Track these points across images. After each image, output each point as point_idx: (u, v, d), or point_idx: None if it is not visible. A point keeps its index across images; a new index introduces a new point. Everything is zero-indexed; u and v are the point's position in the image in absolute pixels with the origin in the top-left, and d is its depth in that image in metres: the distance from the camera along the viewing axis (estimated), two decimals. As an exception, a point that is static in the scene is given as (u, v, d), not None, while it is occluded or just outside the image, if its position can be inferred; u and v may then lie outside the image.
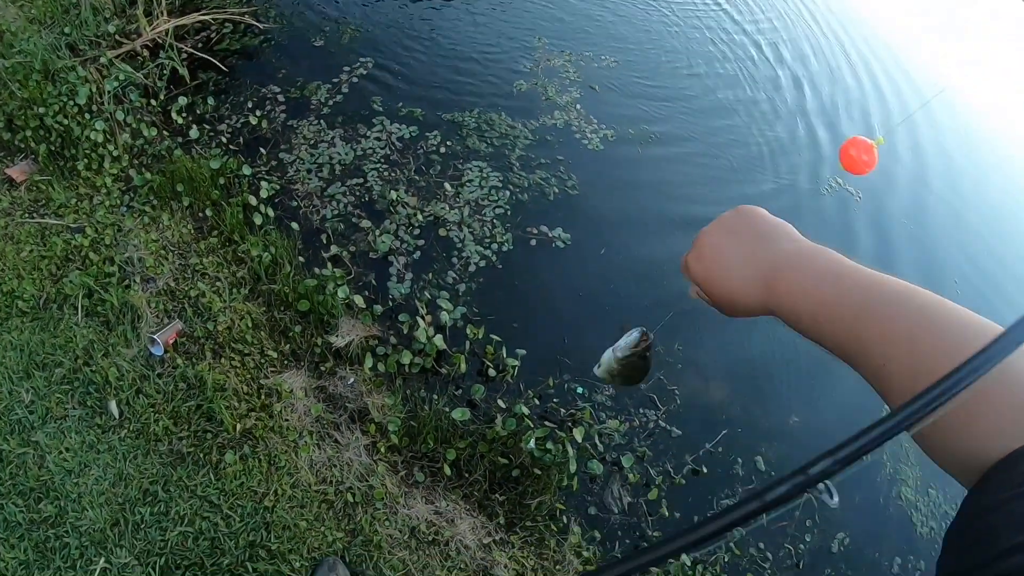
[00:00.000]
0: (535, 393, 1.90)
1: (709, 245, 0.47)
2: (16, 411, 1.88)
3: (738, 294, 0.44)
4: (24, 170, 2.42)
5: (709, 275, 0.47)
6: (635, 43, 3.66)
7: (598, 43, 3.51)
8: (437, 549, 1.69)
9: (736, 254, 0.45)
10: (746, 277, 0.44)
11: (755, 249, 0.44)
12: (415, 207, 2.21)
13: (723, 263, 0.46)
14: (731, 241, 0.46)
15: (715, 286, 0.46)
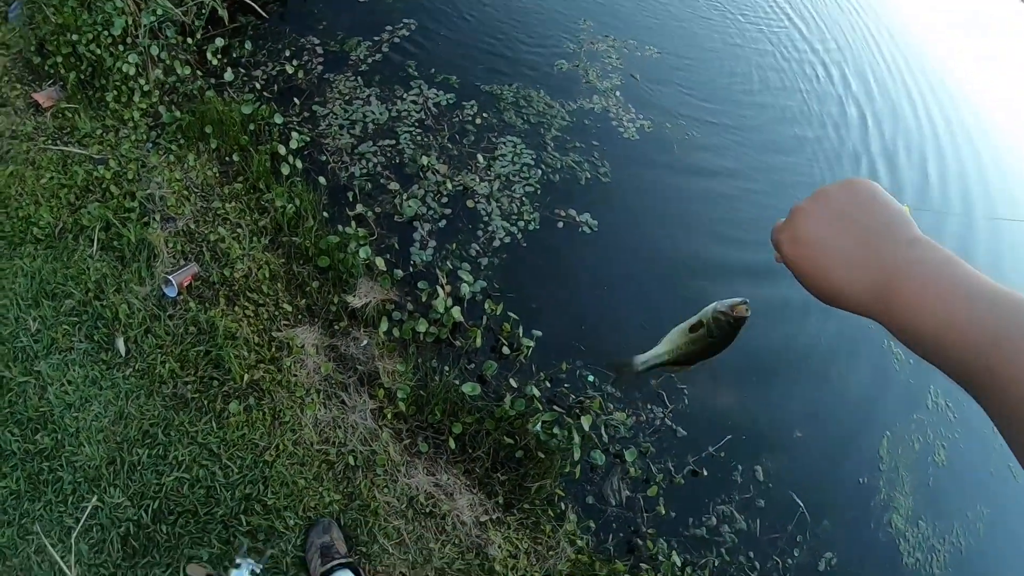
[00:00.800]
0: (547, 376, 1.88)
1: (809, 229, 0.41)
2: (21, 339, 1.85)
3: (842, 295, 0.39)
4: (51, 96, 2.38)
5: (807, 264, 0.41)
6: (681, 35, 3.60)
7: (642, 32, 3.44)
8: (433, 522, 1.66)
9: (845, 248, 0.39)
10: (855, 279, 0.38)
11: (870, 246, 0.38)
12: (445, 175, 2.17)
13: (827, 256, 0.40)
14: (839, 230, 0.40)
15: (813, 279, 0.41)
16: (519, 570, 1.63)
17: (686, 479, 1.89)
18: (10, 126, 2.31)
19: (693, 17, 3.92)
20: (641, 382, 1.88)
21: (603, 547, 1.72)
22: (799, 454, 2.04)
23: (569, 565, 1.67)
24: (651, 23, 3.62)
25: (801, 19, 4.70)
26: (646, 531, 1.75)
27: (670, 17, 3.78)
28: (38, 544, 1.62)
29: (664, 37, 3.52)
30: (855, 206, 0.40)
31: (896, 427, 2.42)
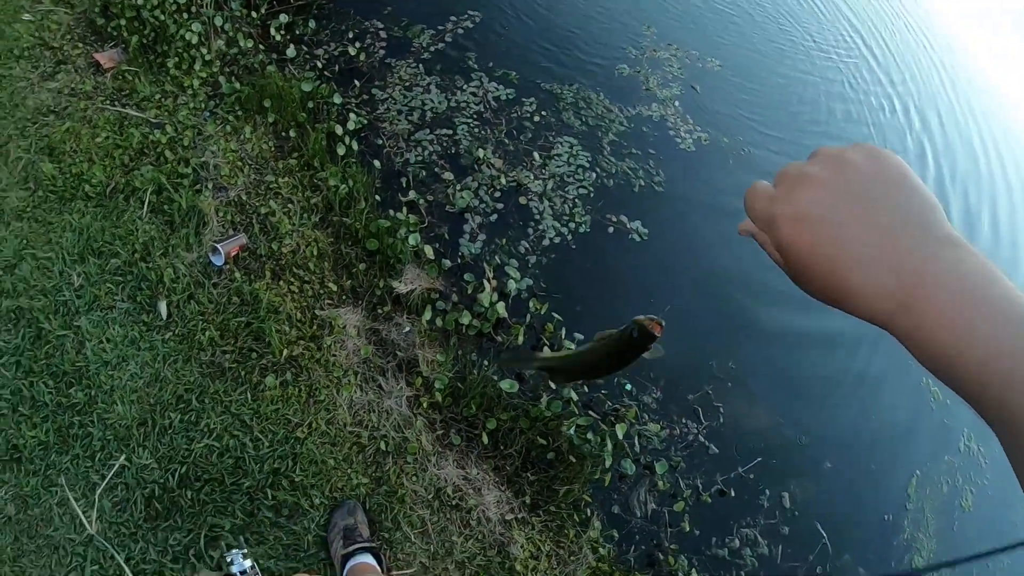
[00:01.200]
0: (584, 381, 2.06)
1: (824, 206, 0.36)
2: (64, 292, 2.14)
3: (855, 298, 0.35)
4: (112, 58, 2.75)
5: (812, 254, 0.36)
6: (745, 52, 3.91)
7: (706, 43, 3.72)
8: (458, 515, 1.84)
9: (868, 239, 0.34)
10: (875, 281, 0.34)
11: (899, 241, 0.34)
12: (500, 170, 2.43)
13: (843, 245, 0.35)
14: (863, 213, 0.35)
15: (818, 273, 0.36)
16: (539, 572, 1.80)
17: (713, 498, 2.09)
18: (69, 83, 2.68)
19: (761, 37, 4.24)
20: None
21: (624, 558, 1.91)
22: (827, 484, 2.24)
23: (589, 572, 1.83)
24: (716, 36, 3.90)
25: (873, 48, 5.02)
26: (668, 546, 1.94)
27: (736, 31, 4.07)
28: (61, 496, 1.86)
29: (728, 51, 3.76)
30: (884, 185, 0.36)
31: (926, 467, 2.59)
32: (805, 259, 0.37)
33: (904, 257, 0.33)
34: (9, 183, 2.33)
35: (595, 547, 1.86)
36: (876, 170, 0.37)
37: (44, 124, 2.48)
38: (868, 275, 0.34)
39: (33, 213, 2.25)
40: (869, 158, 0.38)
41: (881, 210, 0.35)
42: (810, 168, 0.38)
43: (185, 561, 1.78)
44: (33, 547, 1.77)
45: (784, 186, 0.39)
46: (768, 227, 0.40)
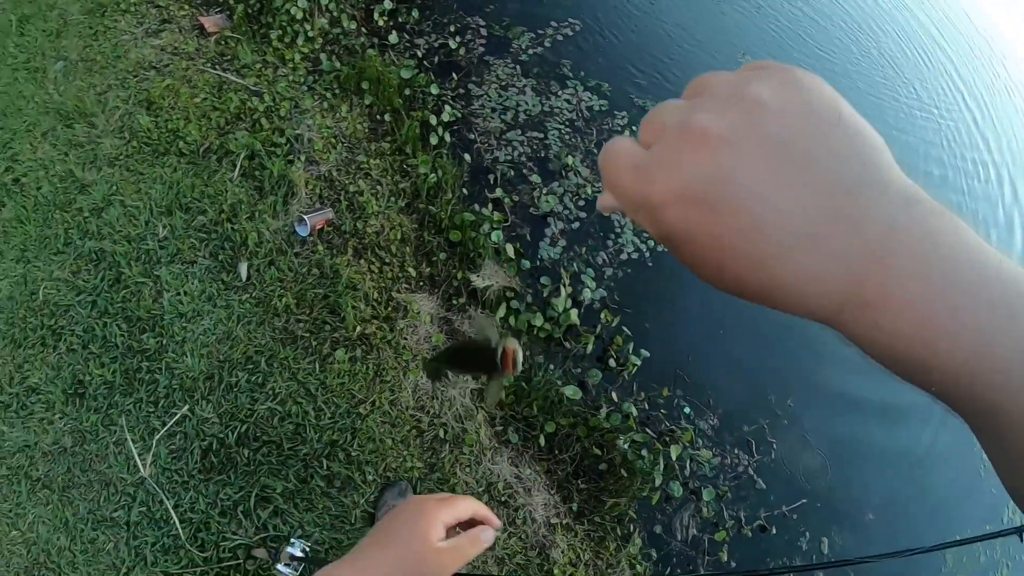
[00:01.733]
0: (647, 397, 2.44)
1: (721, 173, 0.29)
2: (147, 242, 2.66)
3: (786, 293, 0.30)
4: (217, 23, 3.39)
5: (713, 246, 0.30)
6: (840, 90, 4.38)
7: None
8: (506, 512, 2.14)
9: (796, 213, 0.28)
10: (814, 269, 0.29)
11: (840, 208, 0.28)
12: (587, 179, 2.83)
13: (760, 228, 0.29)
14: (783, 179, 0.29)
15: (726, 268, 0.31)
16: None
17: (754, 532, 2.41)
18: (173, 42, 3.32)
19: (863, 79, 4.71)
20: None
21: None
22: (867, 536, 2.55)
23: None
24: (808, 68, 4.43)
25: (974, 109, 5.41)
26: (703, 574, 2.24)
27: (832, 70, 4.60)
28: (119, 436, 2.30)
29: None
30: (812, 129, 0.29)
31: (967, 534, 2.88)
32: (706, 255, 0.31)
33: (851, 233, 0.28)
34: (105, 130, 2.92)
35: (633, 563, 2.16)
36: (798, 108, 0.30)
37: (144, 78, 3.09)
38: (802, 265, 0.29)
39: (126, 162, 2.81)
40: (784, 90, 0.30)
41: (813, 168, 0.29)
42: (699, 116, 0.31)
43: (232, 516, 2.17)
44: (84, 480, 2.20)
45: (660, 148, 0.32)
46: (642, 214, 0.33)
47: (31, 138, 2.93)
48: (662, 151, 0.32)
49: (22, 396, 2.32)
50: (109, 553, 2.07)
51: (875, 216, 0.29)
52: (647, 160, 0.32)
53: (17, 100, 3.08)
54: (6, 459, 2.22)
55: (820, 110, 0.30)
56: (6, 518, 2.15)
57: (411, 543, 0.70)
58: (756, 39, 4.38)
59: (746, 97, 0.31)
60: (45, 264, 2.56)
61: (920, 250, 0.28)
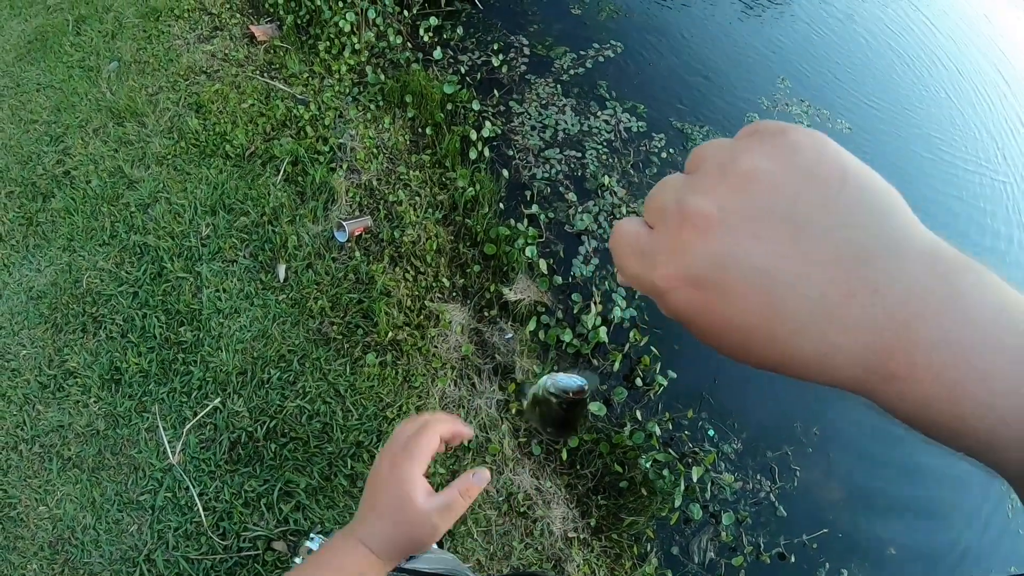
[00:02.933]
0: (671, 418, 2.55)
1: (724, 254, 0.30)
2: (190, 239, 2.86)
3: (803, 368, 0.31)
4: (267, 32, 3.64)
5: (725, 327, 0.32)
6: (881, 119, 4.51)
7: (837, 103, 4.30)
8: (524, 522, 2.25)
9: (808, 286, 0.29)
10: (830, 342, 0.29)
11: (855, 274, 0.28)
12: (622, 199, 2.97)
13: (772, 305, 0.29)
14: (790, 250, 0.29)
15: (740, 347, 0.32)
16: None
17: (772, 560, 2.47)
18: (223, 49, 3.57)
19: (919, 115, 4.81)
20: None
21: None
22: (887, 571, 2.62)
23: None
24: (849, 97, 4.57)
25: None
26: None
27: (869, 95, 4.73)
28: (151, 423, 2.48)
29: (860, 114, 4.32)
30: (816, 193, 0.29)
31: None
32: (719, 334, 0.32)
33: (869, 302, 0.28)
34: (155, 130, 3.16)
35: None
36: (794, 175, 0.30)
37: (195, 82, 3.33)
38: (820, 339, 0.29)
39: (173, 161, 3.03)
40: (778, 157, 0.31)
41: (816, 238, 0.29)
42: (692, 199, 0.32)
43: (255, 508, 2.31)
44: (114, 463, 2.36)
45: (660, 232, 0.33)
46: (655, 297, 0.35)
47: (83, 134, 3.17)
48: (661, 236, 0.33)
49: (60, 378, 2.50)
50: (132, 535, 2.22)
51: (893, 281, 0.28)
52: (650, 244, 0.34)
53: (71, 97, 3.35)
54: (40, 437, 2.40)
55: (820, 173, 0.30)
56: (35, 494, 2.31)
57: (400, 511, 0.70)
58: (796, 63, 4.53)
59: (736, 171, 0.31)
60: (90, 254, 2.77)
61: (945, 314, 0.27)
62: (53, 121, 3.30)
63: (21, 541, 2.23)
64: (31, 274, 2.80)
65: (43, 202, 3.01)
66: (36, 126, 3.32)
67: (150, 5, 3.66)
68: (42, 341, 2.60)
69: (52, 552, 2.20)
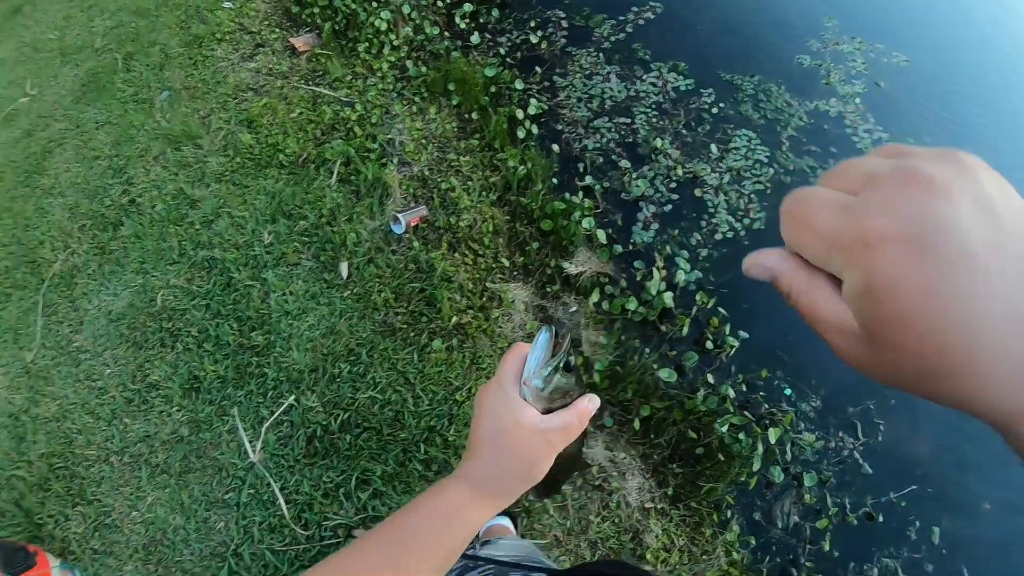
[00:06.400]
0: (744, 379, 2.67)
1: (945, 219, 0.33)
2: (255, 248, 3.28)
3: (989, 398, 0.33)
4: (307, 42, 4.09)
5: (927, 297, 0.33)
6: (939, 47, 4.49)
7: (891, 36, 4.32)
8: (599, 496, 2.42)
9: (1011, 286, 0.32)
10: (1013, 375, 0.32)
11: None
12: (677, 161, 3.15)
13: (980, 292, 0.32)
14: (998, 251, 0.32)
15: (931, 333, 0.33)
16: (669, 565, 2.30)
17: (859, 520, 2.54)
18: (267, 64, 4.04)
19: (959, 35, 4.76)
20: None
21: (756, 567, 2.39)
22: (982, 527, 2.65)
23: (718, 574, 2.33)
24: (903, 28, 4.53)
25: None
26: (804, 563, 2.40)
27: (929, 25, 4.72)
28: (231, 425, 2.82)
29: (916, 45, 4.34)
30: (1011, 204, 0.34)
31: None
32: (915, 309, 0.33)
33: None
34: (210, 150, 3.62)
35: (729, 550, 2.37)
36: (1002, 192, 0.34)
37: (243, 99, 3.79)
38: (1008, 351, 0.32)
39: (231, 177, 3.47)
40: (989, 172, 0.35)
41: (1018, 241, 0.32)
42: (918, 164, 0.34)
43: (334, 498, 2.59)
44: (199, 466, 2.71)
45: (876, 189, 0.35)
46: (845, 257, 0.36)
47: (144, 162, 3.66)
48: (879, 192, 0.35)
49: (143, 392, 2.90)
50: (220, 532, 2.52)
51: None
52: (858, 201, 0.36)
53: (129, 130, 3.85)
54: (128, 448, 2.78)
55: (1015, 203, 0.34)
56: (128, 501, 2.67)
57: (506, 435, 0.72)
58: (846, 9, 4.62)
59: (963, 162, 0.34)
60: (162, 274, 3.20)
61: None
62: (115, 155, 3.81)
63: (117, 545, 2.58)
64: (109, 299, 3.25)
65: (113, 231, 3.49)
66: (99, 161, 3.84)
67: (192, 33, 4.15)
68: (124, 359, 3.02)
69: (146, 553, 2.54)
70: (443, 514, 0.70)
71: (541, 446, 0.72)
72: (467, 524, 0.71)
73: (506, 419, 0.72)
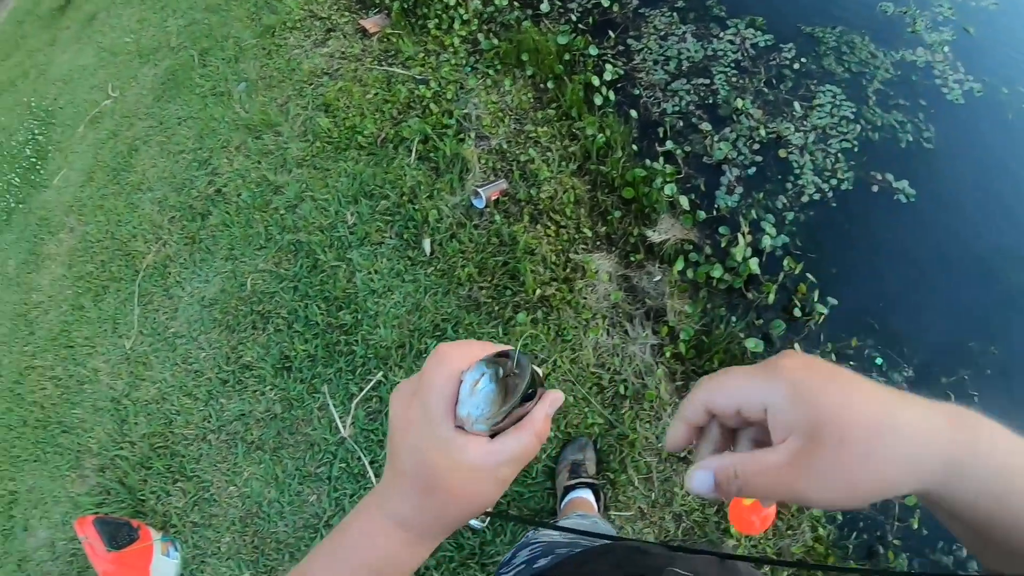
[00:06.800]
0: (834, 348, 2.57)
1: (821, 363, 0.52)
2: (339, 229, 3.37)
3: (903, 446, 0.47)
4: (377, 23, 4.16)
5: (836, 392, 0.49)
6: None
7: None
8: (684, 467, 2.39)
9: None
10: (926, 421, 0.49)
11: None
12: (759, 121, 3.06)
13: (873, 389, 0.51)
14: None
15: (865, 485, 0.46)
16: (753, 540, 2.27)
17: None
18: (340, 48, 4.13)
19: None
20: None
21: (842, 543, 2.32)
22: None
23: (802, 549, 2.26)
24: None
25: None
26: (891, 540, 2.32)
27: None
28: (322, 402, 2.93)
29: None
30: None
31: None
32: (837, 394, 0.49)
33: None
34: (290, 136, 3.73)
35: (815, 525, 2.31)
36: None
37: (319, 85, 3.88)
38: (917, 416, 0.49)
39: (312, 161, 3.57)
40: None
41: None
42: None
43: None
44: (292, 442, 2.80)
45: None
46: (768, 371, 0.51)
47: (227, 153, 3.79)
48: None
49: (237, 373, 3.03)
50: (312, 504, 2.62)
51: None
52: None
53: (210, 123, 4.00)
54: (225, 426, 2.92)
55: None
56: (225, 476, 2.81)
57: (453, 478, 0.56)
58: None
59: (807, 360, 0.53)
60: (250, 259, 3.33)
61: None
62: (198, 148, 3.97)
63: (215, 519, 2.72)
64: (201, 285, 3.40)
65: (202, 221, 3.64)
66: (184, 155, 4.00)
67: (264, 24, 4.27)
68: (218, 342, 3.16)
69: (243, 526, 2.67)
70: (374, 570, 0.60)
71: (490, 485, 0.57)
72: (402, 572, 0.61)
73: (440, 464, 0.55)
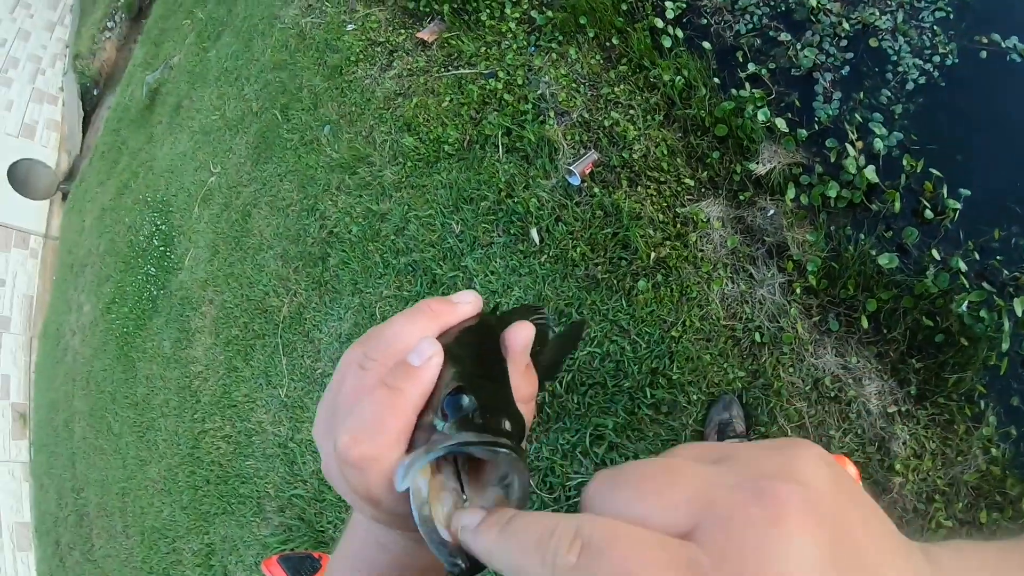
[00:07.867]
0: (975, 245, 2.41)
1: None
2: (448, 240, 3.60)
3: None
4: (433, 31, 4.34)
5: None
6: None
7: None
8: (837, 407, 2.36)
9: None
10: None
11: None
12: (839, 14, 2.90)
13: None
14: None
15: None
16: (921, 472, 2.18)
17: None
18: (405, 66, 4.35)
19: None
20: None
21: (1021, 460, 2.16)
22: None
23: (977, 477, 2.14)
24: None
25: None
26: None
27: None
28: None
29: None
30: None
31: None
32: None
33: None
34: (382, 163, 3.98)
35: (987, 447, 2.17)
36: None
37: (396, 107, 4.10)
38: None
39: (407, 181, 3.79)
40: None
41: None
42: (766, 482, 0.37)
43: (573, 458, 2.72)
44: None
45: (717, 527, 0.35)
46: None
47: (329, 195, 4.10)
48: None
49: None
50: None
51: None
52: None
53: (307, 171, 4.33)
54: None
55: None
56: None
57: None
58: None
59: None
60: (374, 288, 3.59)
61: None
62: (303, 197, 4.31)
63: None
64: (336, 324, 3.72)
65: (323, 264, 3.96)
66: (292, 208, 4.36)
67: (330, 65, 4.54)
68: (367, 374, 3.47)
69: None
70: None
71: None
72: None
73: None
